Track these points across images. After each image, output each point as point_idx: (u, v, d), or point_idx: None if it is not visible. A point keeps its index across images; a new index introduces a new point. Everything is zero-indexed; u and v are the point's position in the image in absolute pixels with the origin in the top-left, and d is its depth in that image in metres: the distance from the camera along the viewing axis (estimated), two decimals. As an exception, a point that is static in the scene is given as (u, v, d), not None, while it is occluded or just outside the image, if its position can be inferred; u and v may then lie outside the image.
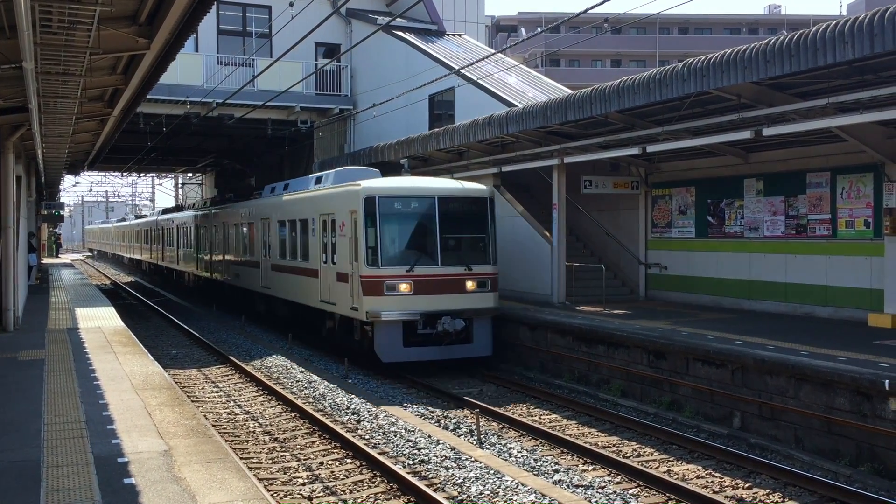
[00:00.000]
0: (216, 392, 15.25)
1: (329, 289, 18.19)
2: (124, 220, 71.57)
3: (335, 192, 18.37)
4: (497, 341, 17.53)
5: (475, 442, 11.51)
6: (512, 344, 17.90)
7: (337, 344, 18.78)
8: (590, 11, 12.66)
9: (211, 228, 30.95)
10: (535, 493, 8.87)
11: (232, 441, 11.64)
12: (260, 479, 9.60)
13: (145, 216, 56.50)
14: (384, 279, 16.04)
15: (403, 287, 16.05)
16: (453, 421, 12.82)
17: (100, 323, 17.99)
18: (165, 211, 45.51)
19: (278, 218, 22.33)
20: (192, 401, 14.02)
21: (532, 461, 10.63)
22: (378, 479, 9.83)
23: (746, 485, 9.84)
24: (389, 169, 23.34)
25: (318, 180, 20.60)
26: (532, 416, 13.50)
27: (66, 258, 70.03)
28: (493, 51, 29.92)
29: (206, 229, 31.69)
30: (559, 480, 9.82)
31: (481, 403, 13.62)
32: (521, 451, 11.12)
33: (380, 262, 16.16)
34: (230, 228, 28.08)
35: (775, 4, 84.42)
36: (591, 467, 10.57)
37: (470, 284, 16.58)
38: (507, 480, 9.28)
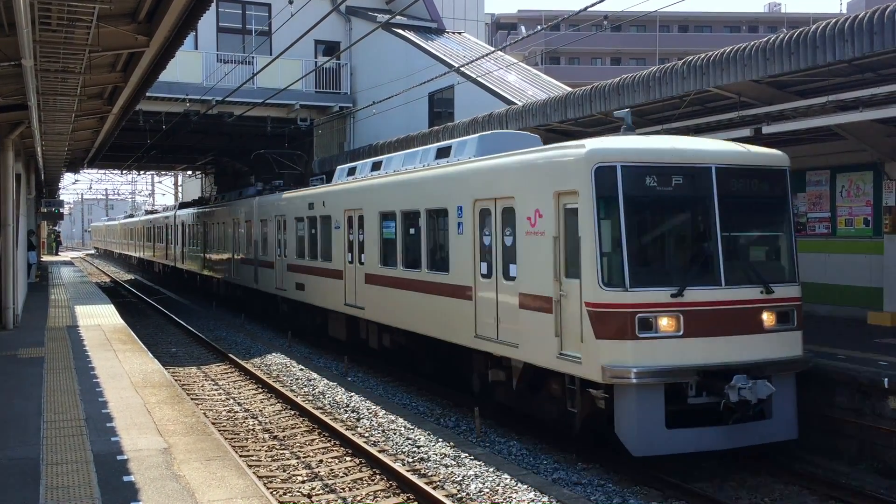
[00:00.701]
0: (216, 390, 15.25)
1: (497, 319, 11.76)
2: (132, 216, 63.04)
3: (518, 163, 11.54)
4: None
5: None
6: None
7: (515, 412, 12.19)
8: (589, 9, 12.67)
9: (256, 225, 25.24)
10: (534, 490, 8.88)
11: (231, 439, 11.64)
12: (259, 477, 9.61)
13: (156, 212, 52.16)
14: (636, 310, 9.52)
15: (666, 324, 9.58)
16: None
17: (99, 321, 18.00)
18: (184, 205, 40.00)
19: (380, 209, 16.04)
20: (192, 399, 14.02)
21: (531, 459, 10.64)
22: (377, 476, 9.84)
23: (746, 483, 9.84)
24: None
25: (442, 152, 14.49)
26: None
27: (66, 256, 70.07)
28: (492, 49, 29.90)
29: (248, 226, 26.13)
30: (558, 479, 9.82)
31: None
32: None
33: (627, 281, 9.57)
34: (286, 225, 22.35)
35: (775, 2, 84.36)
36: (590, 465, 10.57)
37: (768, 318, 10.05)
38: (505, 478, 9.28)
